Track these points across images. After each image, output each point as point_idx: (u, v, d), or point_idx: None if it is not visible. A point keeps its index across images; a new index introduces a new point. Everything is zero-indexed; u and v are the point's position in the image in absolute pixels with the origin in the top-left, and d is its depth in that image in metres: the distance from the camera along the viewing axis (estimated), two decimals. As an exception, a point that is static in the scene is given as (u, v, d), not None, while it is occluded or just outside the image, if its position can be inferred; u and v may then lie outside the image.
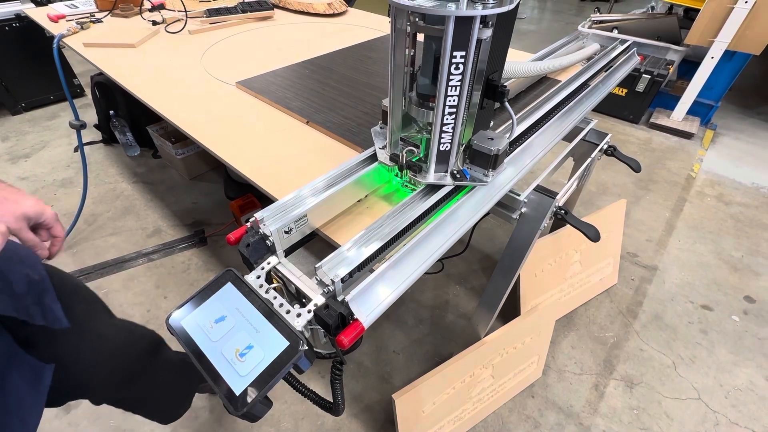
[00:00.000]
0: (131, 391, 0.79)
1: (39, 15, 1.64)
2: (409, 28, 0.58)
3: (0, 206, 0.59)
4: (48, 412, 1.18)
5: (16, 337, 0.61)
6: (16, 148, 2.28)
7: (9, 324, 0.60)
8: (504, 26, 0.58)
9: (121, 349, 0.74)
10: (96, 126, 2.30)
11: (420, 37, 0.61)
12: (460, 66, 0.54)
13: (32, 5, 2.34)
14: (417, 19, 0.56)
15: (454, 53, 0.52)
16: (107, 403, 0.79)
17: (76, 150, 2.24)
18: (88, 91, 2.71)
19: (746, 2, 1.97)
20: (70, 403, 1.18)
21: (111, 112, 2.02)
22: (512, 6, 0.52)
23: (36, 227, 0.64)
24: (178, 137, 1.93)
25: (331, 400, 0.60)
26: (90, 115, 2.47)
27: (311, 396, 0.59)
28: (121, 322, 0.78)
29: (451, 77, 0.55)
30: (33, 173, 2.09)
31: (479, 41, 0.54)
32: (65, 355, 0.65)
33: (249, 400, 0.43)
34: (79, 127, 1.49)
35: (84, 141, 2.15)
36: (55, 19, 1.56)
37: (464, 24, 0.50)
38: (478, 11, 0.48)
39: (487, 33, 0.53)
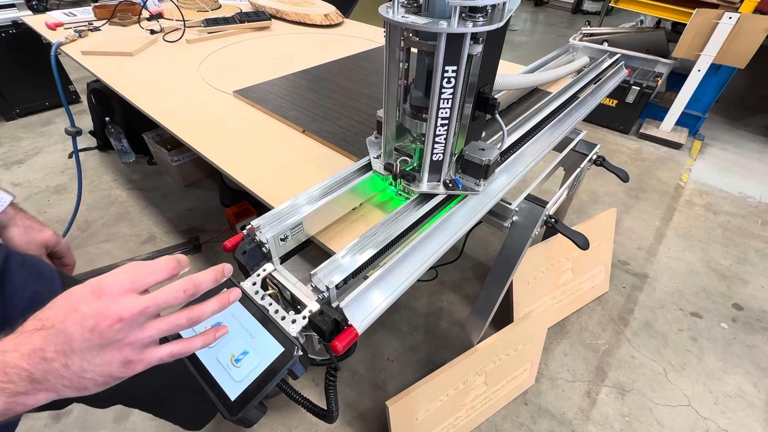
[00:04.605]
0: (142, 389, 0.79)
1: (37, 23, 1.65)
2: (402, 43, 0.60)
3: (27, 234, 0.70)
4: (37, 421, 1.16)
5: None
6: (9, 154, 2.27)
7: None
8: (494, 42, 0.60)
9: None
10: (91, 132, 2.30)
11: (414, 50, 0.63)
12: (452, 80, 0.56)
13: (30, 13, 2.35)
14: (410, 35, 0.58)
15: (446, 68, 0.54)
16: (122, 404, 0.80)
17: (70, 156, 2.24)
18: (83, 97, 2.71)
19: (730, 18, 2.03)
20: (59, 412, 1.17)
21: (107, 118, 2.03)
22: (501, 24, 0.54)
23: (50, 255, 0.74)
24: (174, 144, 1.94)
25: (325, 408, 0.60)
26: (85, 122, 2.47)
27: (305, 403, 0.60)
28: None
29: (444, 90, 0.57)
30: (26, 179, 2.08)
31: (470, 56, 0.56)
32: None
33: (244, 405, 0.44)
34: (75, 133, 1.49)
35: (79, 147, 2.15)
36: (53, 27, 1.57)
37: (455, 40, 0.52)
38: (469, 29, 0.51)
39: (478, 49, 0.56)
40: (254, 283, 0.56)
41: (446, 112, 0.59)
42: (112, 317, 0.34)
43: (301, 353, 0.47)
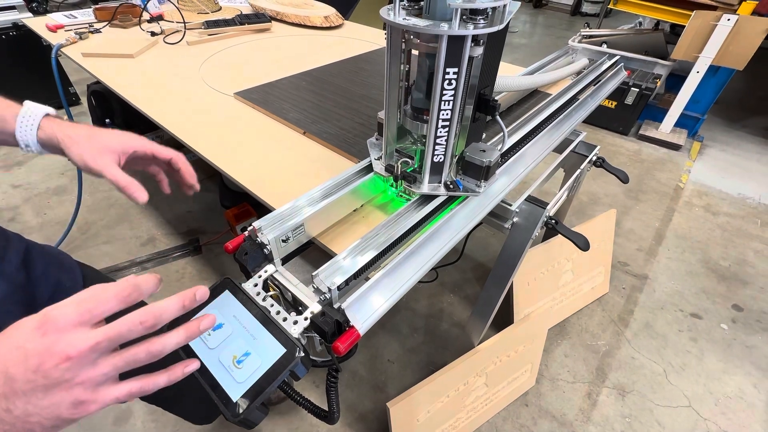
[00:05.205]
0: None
1: (37, 25, 1.65)
2: (404, 45, 0.60)
3: (82, 144, 0.56)
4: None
5: None
6: (9, 156, 2.27)
7: None
8: (495, 44, 0.60)
9: None
10: (91, 134, 2.30)
11: (415, 52, 0.63)
12: (453, 81, 0.56)
13: (30, 15, 2.36)
14: (411, 37, 0.59)
15: (447, 70, 0.54)
16: (139, 398, 0.80)
17: (70, 158, 2.24)
18: (83, 99, 2.71)
19: (728, 20, 2.04)
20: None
21: (107, 120, 2.02)
22: (502, 26, 0.54)
23: (143, 162, 0.63)
24: (174, 146, 1.93)
25: (326, 409, 0.60)
26: (85, 123, 2.47)
27: (306, 404, 0.60)
28: None
29: (444, 92, 0.57)
30: (27, 181, 2.07)
31: (471, 58, 0.56)
32: None
33: (246, 406, 0.44)
34: (75, 135, 1.49)
35: (79, 149, 2.15)
36: (53, 29, 1.57)
37: (456, 42, 0.52)
38: (470, 31, 0.51)
39: (479, 51, 0.56)
40: (256, 285, 0.56)
41: (447, 114, 0.59)
42: (58, 355, 0.31)
43: (303, 354, 0.47)
